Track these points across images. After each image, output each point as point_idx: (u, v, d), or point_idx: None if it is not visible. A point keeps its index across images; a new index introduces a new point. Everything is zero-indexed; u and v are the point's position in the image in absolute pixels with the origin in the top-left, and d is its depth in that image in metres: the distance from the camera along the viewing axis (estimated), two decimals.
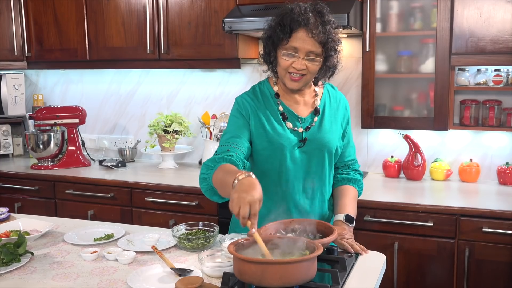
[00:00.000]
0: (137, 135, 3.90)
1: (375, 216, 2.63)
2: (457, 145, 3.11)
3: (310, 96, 1.95)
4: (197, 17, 3.20)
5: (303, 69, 1.78)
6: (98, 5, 3.45)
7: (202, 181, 1.73)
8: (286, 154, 1.86)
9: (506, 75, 2.85)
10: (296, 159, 1.88)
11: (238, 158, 1.73)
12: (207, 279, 1.59)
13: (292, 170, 1.88)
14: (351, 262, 1.69)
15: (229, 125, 1.91)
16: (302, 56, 1.77)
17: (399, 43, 2.99)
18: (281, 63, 1.81)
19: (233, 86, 3.58)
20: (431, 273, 2.58)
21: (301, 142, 1.88)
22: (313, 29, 1.74)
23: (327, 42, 1.77)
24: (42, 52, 3.68)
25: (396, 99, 3.04)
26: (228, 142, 1.81)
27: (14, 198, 3.43)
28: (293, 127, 1.88)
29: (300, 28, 1.75)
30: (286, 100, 1.92)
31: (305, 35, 1.75)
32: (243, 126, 1.87)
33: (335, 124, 1.95)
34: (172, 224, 2.98)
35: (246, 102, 1.90)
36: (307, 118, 1.91)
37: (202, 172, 1.73)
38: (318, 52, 1.77)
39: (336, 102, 1.99)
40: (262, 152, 1.87)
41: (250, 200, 1.40)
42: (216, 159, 1.71)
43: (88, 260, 1.77)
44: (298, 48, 1.76)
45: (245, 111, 1.88)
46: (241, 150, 1.78)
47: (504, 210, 2.45)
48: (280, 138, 1.85)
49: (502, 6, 2.65)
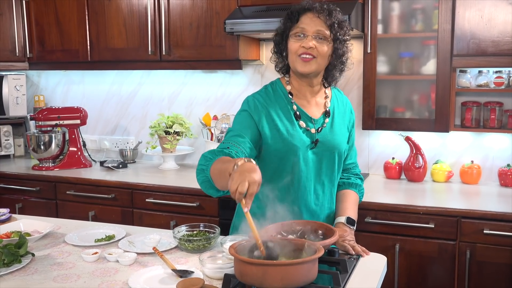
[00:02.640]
0: (138, 136, 3.90)
1: (376, 217, 2.63)
2: (458, 147, 3.11)
3: (321, 97, 1.96)
4: (198, 18, 3.20)
5: (312, 48, 1.80)
6: (99, 6, 3.45)
7: (199, 172, 1.71)
8: (299, 155, 1.86)
9: (507, 77, 2.85)
10: (308, 160, 1.88)
11: (237, 156, 1.71)
12: (208, 281, 1.59)
13: (304, 171, 1.88)
14: (352, 264, 1.68)
15: (234, 123, 1.90)
16: (310, 34, 1.80)
17: (400, 44, 2.99)
18: (291, 46, 1.84)
19: (234, 88, 3.58)
20: (432, 275, 2.57)
21: (313, 143, 1.88)
22: (320, 11, 1.81)
23: (333, 24, 1.81)
24: (43, 53, 3.68)
25: (397, 100, 3.04)
26: (230, 140, 1.80)
27: (15, 199, 3.43)
28: (306, 127, 1.89)
29: (307, 12, 1.83)
30: (298, 100, 1.92)
31: (312, 15, 1.81)
32: (249, 126, 1.85)
33: (343, 126, 1.97)
34: (173, 225, 2.98)
35: (257, 102, 1.88)
36: (319, 119, 1.92)
37: (200, 163, 1.71)
38: (326, 34, 1.81)
39: (343, 105, 2.01)
40: (275, 153, 1.86)
41: (250, 179, 1.39)
42: (215, 152, 1.71)
43: (89, 261, 1.77)
44: (306, 28, 1.81)
45: (255, 112, 1.86)
46: (241, 149, 1.77)
47: (505, 212, 2.44)
48: (293, 139, 1.86)
49: (503, 8, 2.65)
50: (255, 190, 1.41)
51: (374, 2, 2.86)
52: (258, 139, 1.85)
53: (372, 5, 2.85)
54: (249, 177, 1.40)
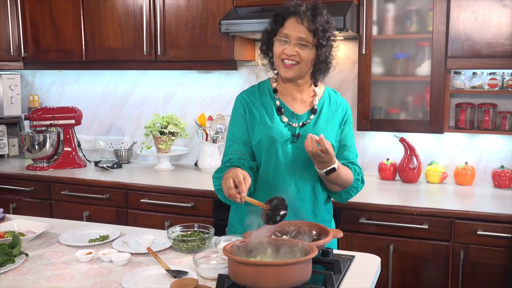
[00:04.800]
0: (133, 136, 3.90)
1: (371, 218, 2.63)
2: (452, 148, 3.12)
3: (309, 95, 1.99)
4: (194, 18, 3.20)
5: (294, 55, 1.85)
6: (94, 6, 3.44)
7: (218, 192, 1.91)
8: (277, 147, 1.91)
9: (501, 79, 2.86)
10: (288, 153, 1.92)
11: (240, 164, 1.88)
12: (202, 281, 1.59)
13: (284, 164, 1.92)
14: (346, 264, 1.69)
15: (229, 129, 2.02)
16: (293, 42, 1.85)
17: (395, 46, 3.00)
18: (275, 51, 1.90)
19: (229, 88, 3.58)
20: (426, 275, 2.58)
21: (294, 136, 1.92)
22: (303, 17, 1.83)
23: (317, 29, 1.84)
24: (38, 53, 3.67)
25: (392, 101, 3.05)
26: (229, 151, 1.96)
27: (9, 198, 3.42)
28: (288, 121, 1.94)
29: (291, 16, 1.86)
30: (283, 97, 1.99)
31: (295, 21, 1.85)
32: (240, 126, 1.97)
33: (331, 124, 1.97)
34: (168, 225, 2.98)
35: (242, 99, 2.00)
36: (302, 116, 1.96)
37: (215, 185, 1.92)
38: (308, 40, 1.85)
39: (336, 104, 2.02)
40: (256, 146, 1.94)
41: (231, 175, 1.66)
42: (221, 170, 1.89)
43: (83, 261, 1.77)
44: (289, 34, 1.85)
45: (242, 109, 1.98)
46: (241, 154, 1.93)
47: (499, 213, 2.45)
48: (271, 131, 1.92)
49: (497, 10, 2.66)
50: (240, 179, 1.63)
51: (369, 4, 2.86)
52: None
53: (367, 7, 2.86)
54: (229, 174, 1.65)
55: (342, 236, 1.80)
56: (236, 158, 1.91)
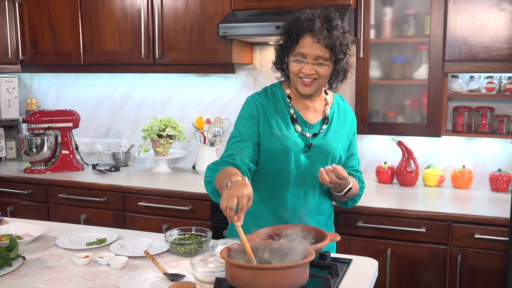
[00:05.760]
0: (131, 139, 3.90)
1: (368, 222, 2.64)
2: (450, 152, 3.13)
3: (321, 103, 1.97)
4: (192, 22, 3.20)
5: (313, 74, 1.81)
6: (93, 9, 3.44)
7: (206, 184, 1.81)
8: (290, 157, 1.88)
9: (498, 82, 2.87)
10: (300, 163, 1.90)
11: (242, 162, 1.79)
12: (200, 284, 1.59)
13: (295, 174, 1.90)
14: (344, 268, 1.69)
15: (236, 127, 1.94)
16: (310, 61, 1.80)
17: (393, 49, 3.00)
18: (291, 68, 1.85)
19: (227, 91, 3.58)
20: (424, 279, 2.58)
21: (306, 147, 1.89)
22: (319, 34, 1.78)
23: (334, 46, 1.79)
24: (36, 56, 3.67)
25: (390, 105, 3.05)
26: (233, 147, 1.87)
27: (7, 202, 3.41)
28: (302, 131, 1.91)
29: (306, 34, 1.79)
30: (296, 105, 1.94)
31: (311, 40, 1.79)
32: (251, 127, 1.90)
33: (341, 133, 1.97)
34: (165, 229, 2.98)
35: (257, 101, 1.93)
36: (315, 125, 1.94)
37: (206, 175, 1.81)
38: (326, 57, 1.80)
39: (344, 113, 2.02)
40: (267, 152, 1.89)
41: (238, 194, 1.45)
42: (219, 162, 1.78)
43: (80, 264, 1.76)
44: (306, 53, 1.80)
45: (256, 111, 1.91)
46: (245, 153, 1.84)
47: (496, 217, 2.46)
48: (286, 140, 1.87)
49: (494, 14, 2.67)
50: (244, 203, 1.46)
51: (367, 7, 2.87)
52: (259, 139, 1.90)
53: (364, 10, 2.87)
54: (238, 192, 1.45)
55: (340, 240, 1.81)
56: (238, 157, 1.82)
